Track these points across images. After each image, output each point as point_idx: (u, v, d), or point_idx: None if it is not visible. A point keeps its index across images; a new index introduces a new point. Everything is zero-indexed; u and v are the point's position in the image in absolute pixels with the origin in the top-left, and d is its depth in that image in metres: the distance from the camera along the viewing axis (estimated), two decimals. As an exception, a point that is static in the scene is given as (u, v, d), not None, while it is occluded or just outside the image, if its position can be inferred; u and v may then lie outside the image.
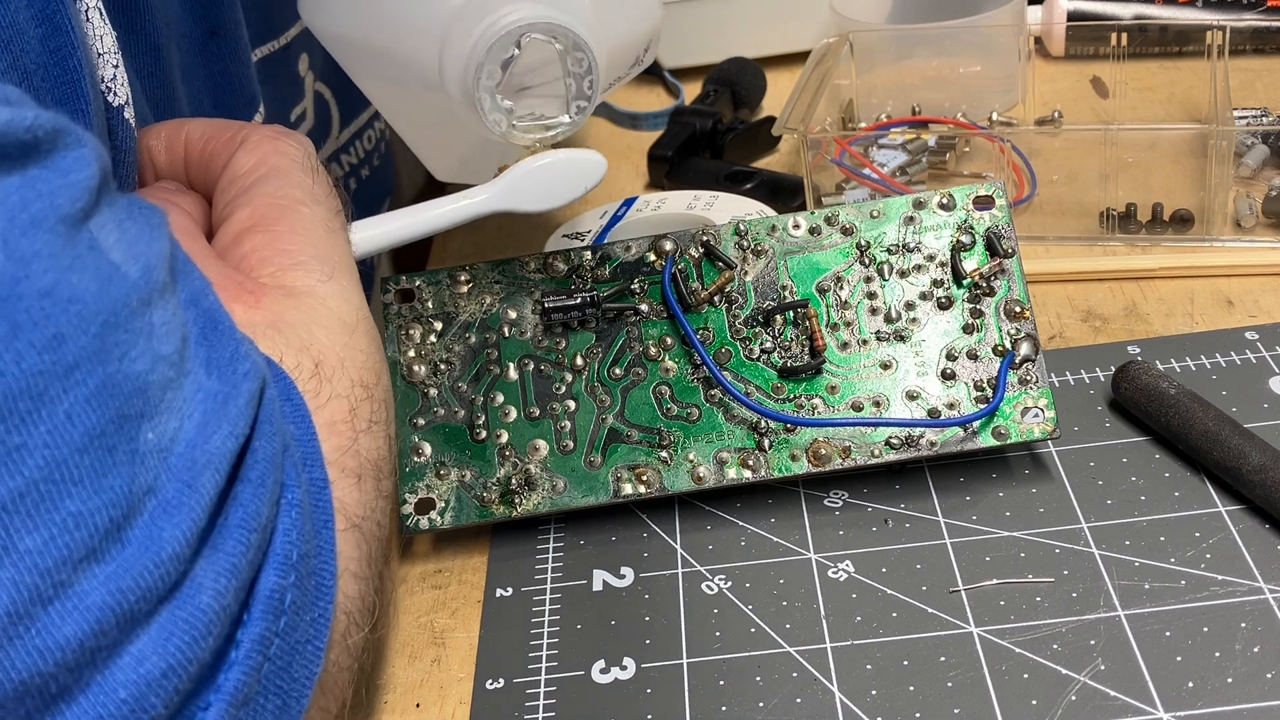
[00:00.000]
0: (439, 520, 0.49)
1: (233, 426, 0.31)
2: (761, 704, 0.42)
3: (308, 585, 0.33)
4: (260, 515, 0.31)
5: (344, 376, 0.38)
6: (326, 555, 0.34)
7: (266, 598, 0.31)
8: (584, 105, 0.46)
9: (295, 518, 0.32)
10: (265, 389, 0.33)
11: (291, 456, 0.33)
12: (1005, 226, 0.50)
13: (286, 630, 0.31)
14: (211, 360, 0.32)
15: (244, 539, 0.31)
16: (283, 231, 0.40)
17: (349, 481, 0.36)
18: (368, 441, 0.38)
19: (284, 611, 0.31)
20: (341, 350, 0.38)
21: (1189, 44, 0.73)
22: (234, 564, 0.30)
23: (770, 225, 0.51)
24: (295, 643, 0.32)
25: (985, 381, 0.49)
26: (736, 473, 0.49)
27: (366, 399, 0.38)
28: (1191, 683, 0.40)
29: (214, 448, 0.31)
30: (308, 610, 0.32)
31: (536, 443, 0.50)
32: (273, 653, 0.31)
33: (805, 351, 0.50)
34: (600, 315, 0.50)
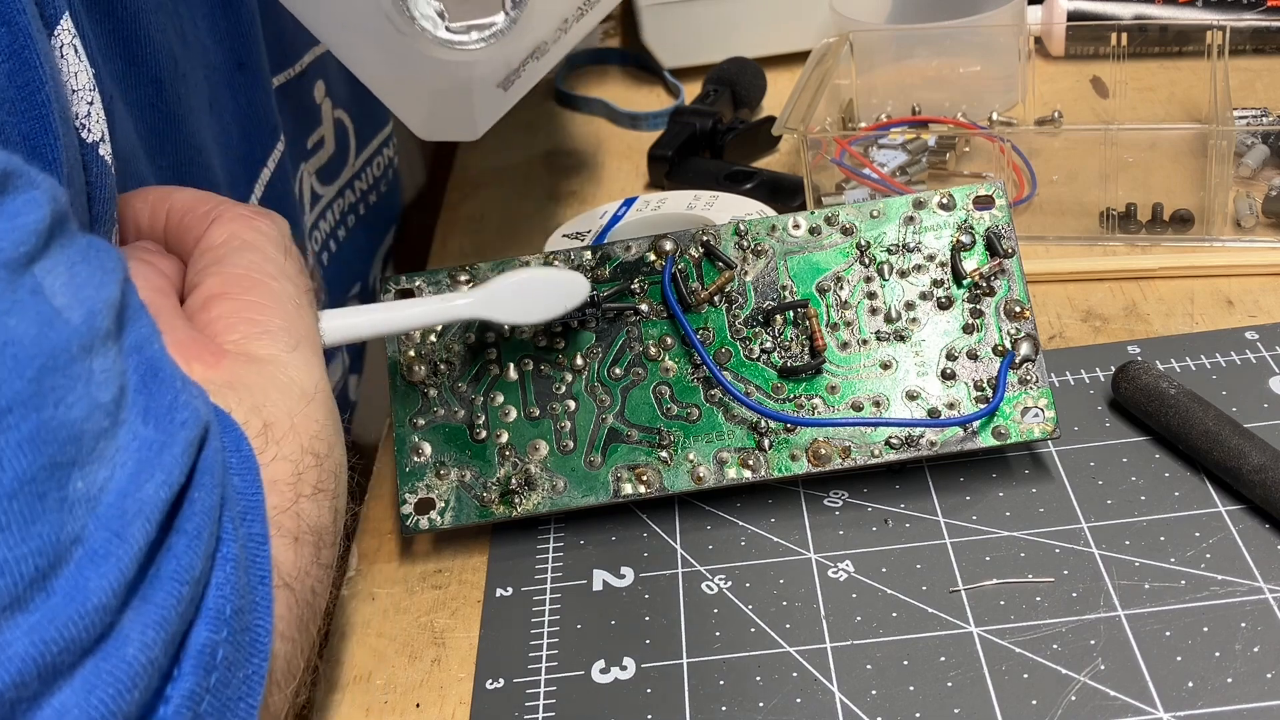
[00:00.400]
0: (439, 520, 0.49)
1: (166, 475, 0.31)
2: (761, 704, 0.42)
3: (241, 641, 0.32)
4: (194, 568, 0.31)
5: (293, 441, 0.38)
6: (262, 612, 0.33)
7: (198, 653, 0.30)
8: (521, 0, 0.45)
9: (230, 572, 0.32)
10: (207, 438, 0.33)
11: (230, 510, 0.33)
12: (1005, 226, 0.50)
13: (218, 687, 0.31)
14: (149, 409, 0.32)
15: (175, 591, 0.30)
16: (251, 301, 0.40)
17: (284, 541, 0.36)
18: (310, 507, 0.37)
19: (215, 667, 0.31)
20: (295, 416, 0.38)
21: (1189, 44, 0.73)
22: (163, 616, 0.29)
23: (770, 225, 0.51)
24: (227, 700, 0.31)
25: (985, 381, 0.49)
26: (736, 473, 0.49)
27: (314, 466, 0.38)
28: (1191, 683, 0.40)
29: (145, 497, 0.30)
30: (240, 667, 0.32)
31: (536, 443, 0.50)
32: (203, 709, 0.30)
33: (805, 351, 0.50)
34: (600, 315, 0.50)
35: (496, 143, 0.84)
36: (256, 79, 0.55)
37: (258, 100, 0.56)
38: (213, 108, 0.53)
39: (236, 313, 0.40)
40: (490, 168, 0.81)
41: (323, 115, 0.64)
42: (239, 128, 0.55)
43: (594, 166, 0.79)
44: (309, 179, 0.64)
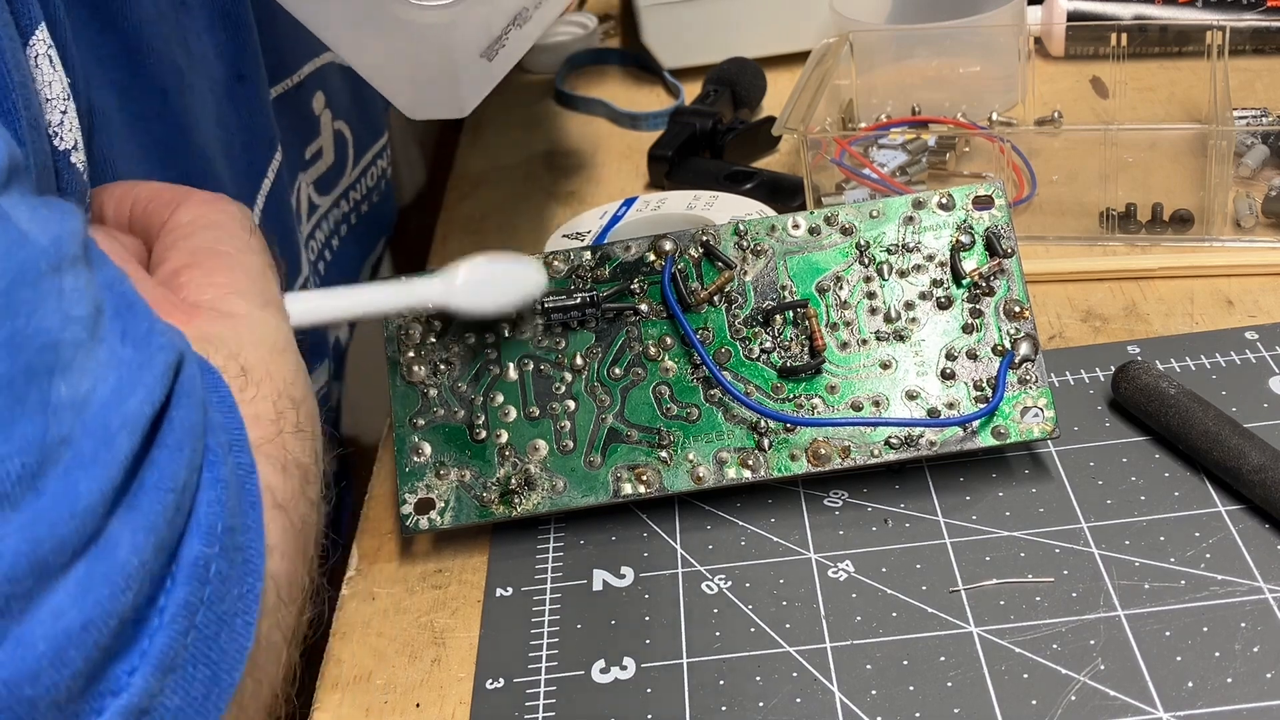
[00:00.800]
0: (439, 520, 0.49)
1: (148, 392, 0.31)
2: (761, 704, 0.42)
3: (234, 559, 0.33)
4: (177, 478, 0.31)
5: (270, 385, 0.38)
6: (254, 534, 0.34)
7: (190, 564, 0.31)
8: None
9: (220, 492, 0.33)
10: (184, 365, 0.33)
11: (217, 436, 0.34)
12: (1005, 226, 0.50)
13: (213, 600, 0.31)
14: (127, 332, 0.32)
15: (160, 499, 0.31)
16: (219, 267, 0.41)
17: (273, 467, 0.37)
18: (294, 443, 0.38)
19: (209, 580, 0.31)
20: (269, 364, 0.39)
21: (1189, 44, 0.73)
22: (151, 522, 0.30)
23: (770, 225, 0.51)
24: (223, 614, 0.32)
25: (985, 381, 0.49)
26: (736, 472, 0.49)
27: (293, 409, 0.39)
28: (1191, 682, 0.40)
29: (129, 410, 0.31)
30: (235, 583, 0.32)
31: (536, 442, 0.50)
32: (199, 621, 0.31)
33: (805, 351, 0.50)
34: (600, 315, 0.50)
35: (496, 143, 0.85)
36: (255, 91, 0.56)
37: (257, 112, 0.56)
38: (219, 121, 0.53)
39: (205, 278, 0.40)
40: (490, 168, 0.81)
41: (321, 126, 0.65)
42: (241, 139, 0.55)
43: (594, 166, 0.79)
44: (307, 189, 0.65)
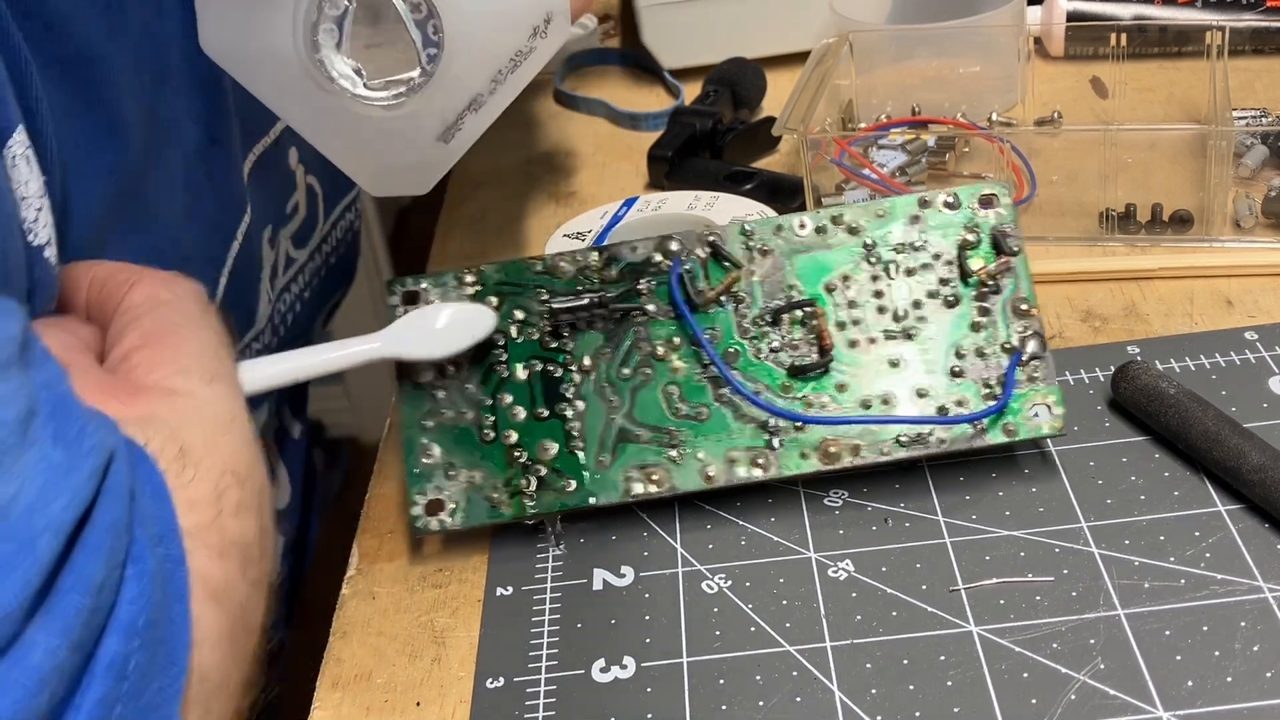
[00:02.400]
0: (449, 521, 0.49)
1: (73, 495, 0.32)
2: (761, 703, 0.42)
3: (156, 653, 0.33)
4: (94, 578, 0.32)
5: (212, 463, 0.38)
6: (178, 626, 0.34)
7: (108, 662, 0.31)
8: (434, 53, 0.46)
9: (145, 585, 0.33)
10: (113, 464, 0.34)
11: (145, 528, 0.34)
12: (1011, 225, 0.50)
13: (130, 695, 0.32)
14: (58, 434, 0.33)
15: (76, 601, 0.31)
16: (168, 345, 0.42)
17: (209, 554, 0.37)
18: (233, 524, 0.38)
19: (127, 676, 0.32)
20: (212, 440, 0.39)
21: (1188, 44, 0.73)
22: (66, 624, 0.31)
23: (776, 225, 0.51)
24: (142, 708, 0.32)
25: (994, 379, 0.49)
26: (746, 472, 0.49)
27: (235, 486, 0.39)
28: (1191, 682, 0.40)
29: (53, 514, 0.31)
30: (155, 677, 0.33)
31: (546, 443, 0.50)
32: (116, 716, 0.31)
33: (813, 350, 0.50)
34: (608, 316, 0.50)
35: (496, 143, 0.85)
36: (227, 153, 0.57)
37: (229, 174, 0.57)
38: (188, 185, 0.54)
39: (154, 357, 0.41)
40: (490, 168, 0.81)
41: (296, 181, 0.66)
42: (212, 202, 0.56)
43: (594, 166, 0.80)
44: (285, 243, 0.66)
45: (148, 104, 0.51)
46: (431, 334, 0.49)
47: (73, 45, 0.46)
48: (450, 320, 0.50)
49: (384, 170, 0.51)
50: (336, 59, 0.46)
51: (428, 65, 0.46)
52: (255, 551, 0.39)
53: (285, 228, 0.66)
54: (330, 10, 0.45)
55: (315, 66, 0.46)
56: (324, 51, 0.45)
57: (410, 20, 0.45)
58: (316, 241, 0.70)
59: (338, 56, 0.46)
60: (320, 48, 0.45)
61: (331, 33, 0.45)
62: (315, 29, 0.45)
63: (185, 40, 0.52)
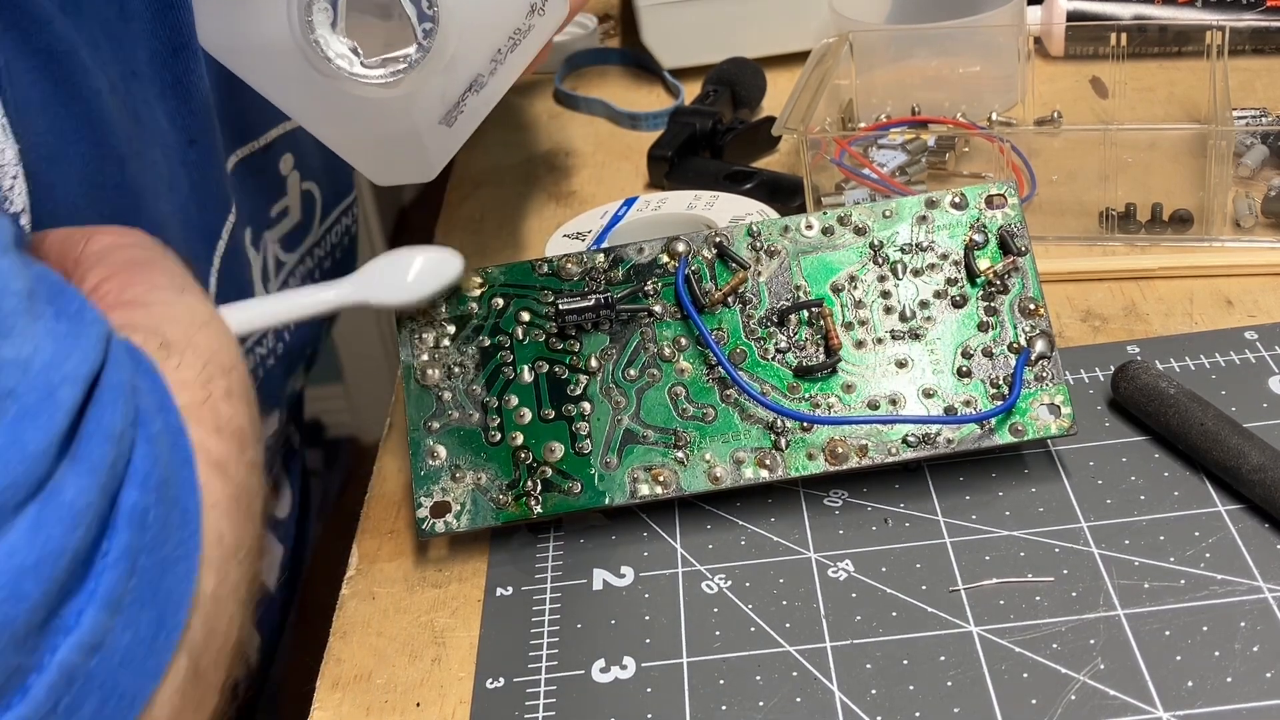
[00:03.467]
0: (455, 523, 0.49)
1: (84, 355, 0.33)
2: (761, 703, 0.42)
3: (171, 509, 0.34)
4: (115, 428, 0.33)
5: (195, 355, 0.39)
6: (188, 487, 0.35)
7: (129, 512, 0.33)
8: (430, 28, 0.46)
9: (153, 447, 0.34)
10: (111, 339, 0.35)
11: (145, 399, 0.35)
12: (1018, 225, 0.50)
13: (153, 545, 0.33)
14: (60, 311, 0.34)
15: (101, 447, 0.32)
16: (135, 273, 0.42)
17: (206, 430, 0.38)
18: (225, 406, 0.39)
19: (148, 526, 0.33)
20: (190, 335, 0.40)
21: (1188, 44, 0.73)
22: (94, 466, 0.32)
23: (783, 226, 0.51)
24: (163, 559, 0.33)
25: (1001, 379, 0.49)
26: (753, 473, 0.49)
27: (222, 375, 0.40)
28: (1191, 682, 0.40)
29: (69, 369, 0.33)
30: (173, 531, 0.34)
31: (552, 444, 0.50)
32: (141, 565, 0.33)
33: (820, 351, 0.50)
34: (614, 317, 0.50)
35: (496, 143, 0.85)
36: (208, 155, 0.57)
37: (210, 175, 0.58)
38: (172, 185, 0.55)
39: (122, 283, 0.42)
40: (490, 168, 0.81)
41: (288, 186, 0.67)
42: (194, 202, 0.57)
43: (594, 166, 0.79)
44: (273, 246, 0.66)
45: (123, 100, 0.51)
46: (402, 280, 0.49)
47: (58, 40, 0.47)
48: (421, 268, 0.49)
49: (387, 157, 0.51)
50: (332, 38, 0.46)
51: (424, 41, 0.46)
52: (248, 435, 0.40)
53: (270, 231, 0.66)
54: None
55: (311, 47, 0.46)
56: (319, 31, 0.45)
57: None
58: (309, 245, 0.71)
59: (333, 36, 0.46)
60: (315, 28, 0.45)
61: (326, 11, 0.45)
62: (309, 9, 0.45)
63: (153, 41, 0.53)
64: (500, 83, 0.51)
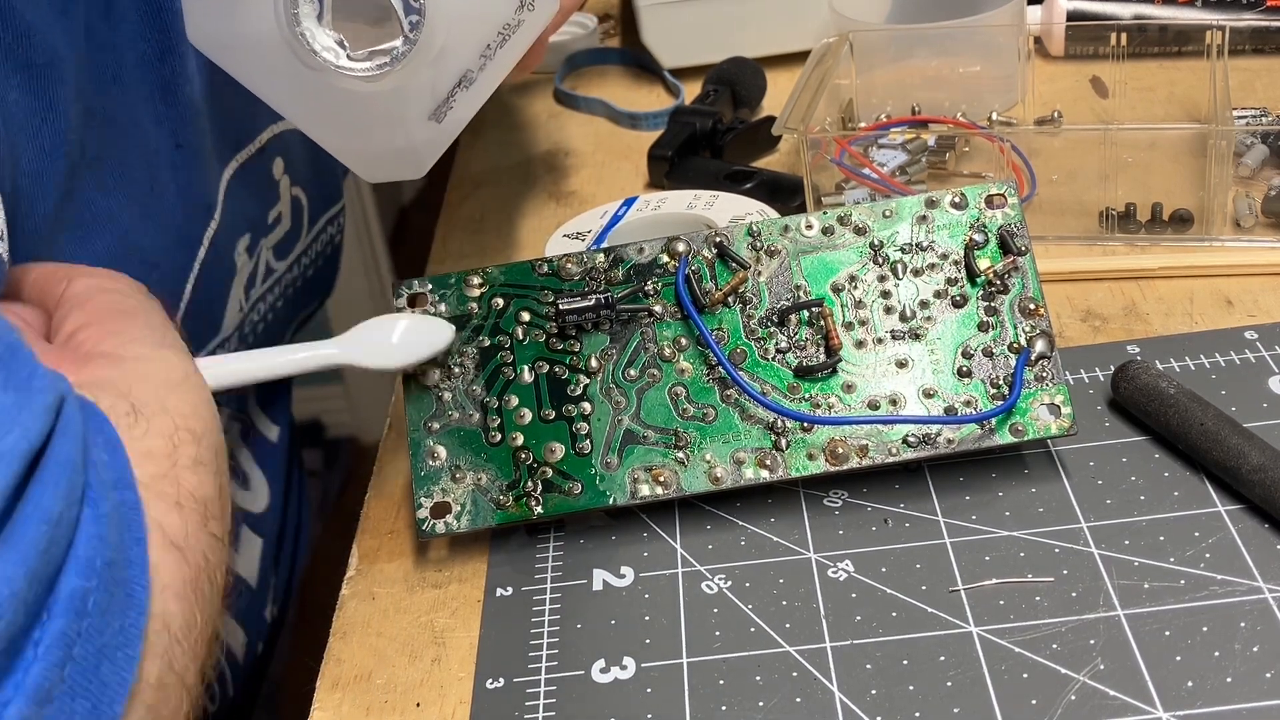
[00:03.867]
0: (455, 524, 0.49)
1: (25, 431, 0.32)
2: (761, 703, 0.42)
3: (115, 593, 0.33)
4: (53, 511, 0.32)
5: (165, 420, 0.39)
6: (137, 568, 0.34)
7: (68, 597, 0.32)
8: (416, 20, 0.46)
9: (100, 528, 0.33)
10: (65, 405, 0.34)
11: (99, 474, 0.34)
12: (1018, 225, 0.50)
13: (91, 632, 0.32)
14: (7, 380, 0.33)
15: (34, 531, 0.31)
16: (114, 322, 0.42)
17: (166, 505, 0.37)
18: (190, 477, 0.38)
19: (87, 613, 0.32)
20: (163, 398, 0.39)
21: (1189, 44, 0.73)
22: (24, 554, 0.31)
23: (783, 226, 0.51)
24: (102, 646, 0.32)
25: (1001, 379, 0.49)
26: (754, 473, 0.49)
27: (191, 442, 0.39)
28: (1191, 682, 0.40)
29: (7, 447, 0.31)
30: (116, 616, 0.33)
31: (552, 445, 0.50)
32: (76, 653, 0.31)
33: (820, 351, 0.50)
34: (614, 317, 0.50)
35: (496, 143, 0.85)
36: (195, 158, 0.57)
37: (195, 179, 0.57)
38: (154, 189, 0.55)
39: (100, 332, 0.41)
40: (490, 168, 0.81)
41: (280, 192, 0.67)
42: (180, 206, 0.57)
43: (594, 166, 0.79)
44: (266, 254, 0.66)
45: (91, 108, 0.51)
46: (388, 344, 0.49)
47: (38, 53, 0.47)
48: (406, 331, 0.49)
49: (377, 153, 0.51)
50: (318, 31, 0.45)
51: (410, 33, 0.46)
52: (215, 507, 0.39)
53: (267, 238, 0.66)
54: None
55: (297, 40, 0.46)
56: (305, 24, 0.45)
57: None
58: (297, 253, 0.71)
59: (319, 28, 0.45)
60: (301, 20, 0.45)
61: (312, 4, 0.45)
62: (295, 2, 0.45)
63: (142, 44, 0.53)
64: (490, 78, 0.51)
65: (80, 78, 0.50)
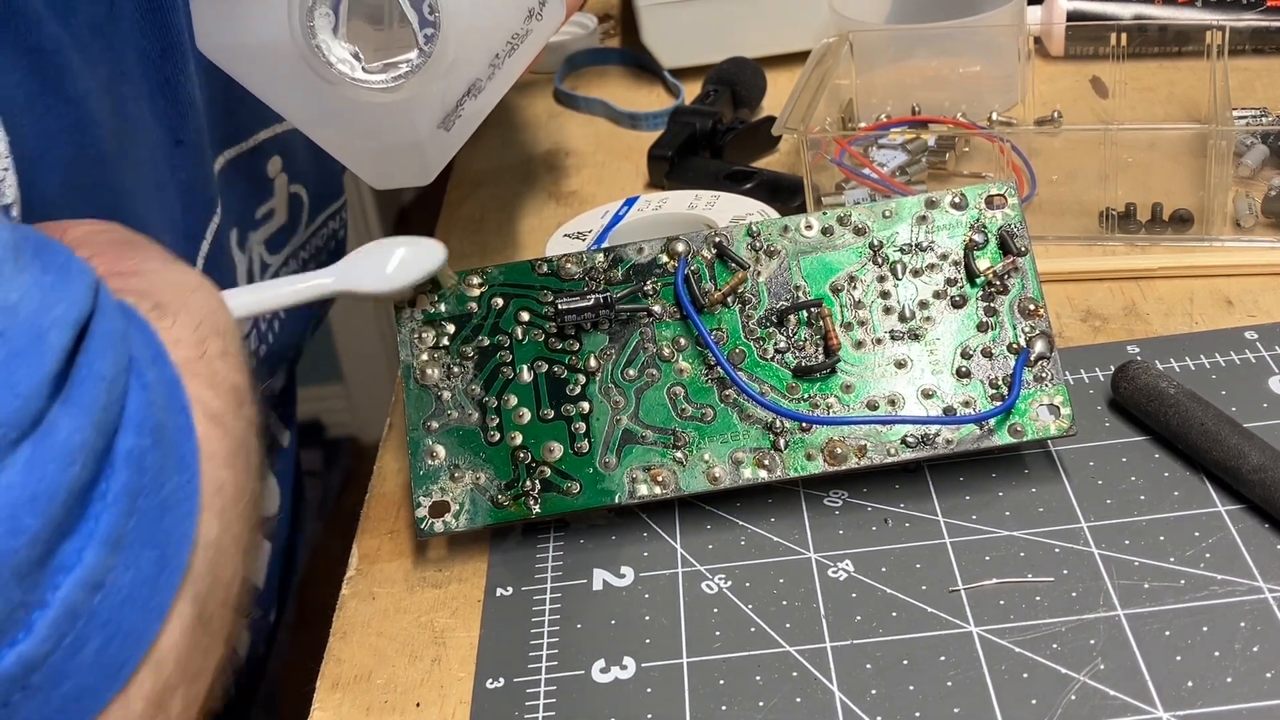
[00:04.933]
0: (453, 523, 0.49)
1: (73, 302, 0.33)
2: (761, 703, 0.42)
3: (168, 454, 0.34)
4: (107, 373, 0.33)
5: (189, 315, 0.39)
6: (184, 434, 0.35)
7: (126, 455, 0.33)
8: (431, 34, 0.46)
9: (146, 395, 0.34)
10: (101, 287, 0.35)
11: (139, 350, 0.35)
12: (1018, 225, 0.50)
13: (151, 487, 0.33)
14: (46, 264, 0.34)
15: (93, 389, 0.32)
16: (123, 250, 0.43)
17: (201, 383, 0.37)
18: (220, 364, 0.39)
19: (146, 469, 0.33)
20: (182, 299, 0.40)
21: (1189, 44, 0.73)
22: (87, 406, 0.32)
23: (783, 226, 0.51)
24: (163, 501, 0.33)
25: (1000, 379, 0.49)
26: (752, 473, 0.49)
27: (217, 336, 0.40)
28: (1191, 682, 0.40)
29: (57, 314, 0.33)
30: (171, 474, 0.34)
31: (551, 444, 0.50)
32: (140, 505, 0.33)
33: (819, 351, 0.50)
34: (613, 317, 0.50)
35: (496, 143, 0.85)
36: (195, 155, 0.57)
37: (196, 175, 0.58)
38: (158, 186, 0.55)
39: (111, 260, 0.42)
40: (490, 168, 0.81)
41: (275, 188, 0.67)
42: (180, 202, 0.57)
43: (594, 166, 0.80)
44: (258, 248, 0.67)
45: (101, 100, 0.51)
46: (382, 269, 0.49)
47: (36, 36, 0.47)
48: (401, 257, 0.49)
49: (385, 161, 0.51)
50: (333, 44, 0.46)
51: (425, 46, 0.46)
52: (244, 393, 0.40)
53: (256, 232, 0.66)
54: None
55: (312, 53, 0.46)
56: (320, 37, 0.45)
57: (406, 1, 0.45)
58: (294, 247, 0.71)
59: (334, 41, 0.46)
60: (316, 33, 0.45)
61: (327, 17, 0.45)
62: (311, 14, 0.45)
63: (142, 41, 0.53)
64: (498, 87, 0.51)
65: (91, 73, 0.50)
